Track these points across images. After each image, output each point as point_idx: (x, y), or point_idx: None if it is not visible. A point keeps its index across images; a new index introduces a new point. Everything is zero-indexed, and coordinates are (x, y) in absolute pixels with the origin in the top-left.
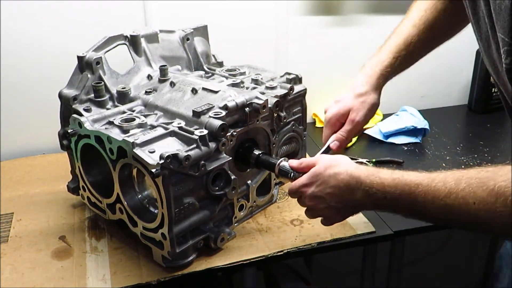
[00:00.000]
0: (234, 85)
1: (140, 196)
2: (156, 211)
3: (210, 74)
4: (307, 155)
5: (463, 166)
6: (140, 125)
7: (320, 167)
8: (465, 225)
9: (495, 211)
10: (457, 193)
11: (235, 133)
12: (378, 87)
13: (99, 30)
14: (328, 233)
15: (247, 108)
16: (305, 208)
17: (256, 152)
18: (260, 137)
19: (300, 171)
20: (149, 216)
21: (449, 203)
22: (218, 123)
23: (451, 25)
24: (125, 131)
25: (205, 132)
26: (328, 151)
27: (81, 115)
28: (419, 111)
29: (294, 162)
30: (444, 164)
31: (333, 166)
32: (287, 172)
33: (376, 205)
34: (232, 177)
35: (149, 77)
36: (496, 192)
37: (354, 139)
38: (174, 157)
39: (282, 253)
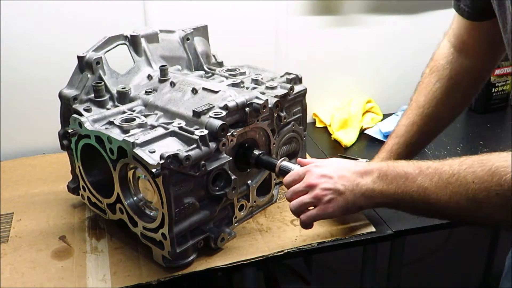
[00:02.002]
0: (234, 85)
1: (136, 198)
2: (152, 214)
3: (210, 74)
4: (307, 155)
5: None
6: (140, 125)
7: (339, 159)
8: (463, 212)
9: (490, 190)
10: (459, 173)
11: (235, 133)
12: None
13: (99, 30)
14: (328, 233)
15: (247, 108)
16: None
17: (256, 152)
18: (260, 137)
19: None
20: (146, 218)
21: (451, 182)
22: (218, 123)
23: (453, 112)
24: (125, 131)
25: (205, 132)
26: None
27: (81, 115)
28: None
29: (304, 160)
30: None
31: (354, 161)
32: (288, 170)
33: (382, 192)
34: (232, 177)
35: (149, 77)
36: (493, 171)
37: (354, 139)
38: (174, 157)
39: (282, 253)
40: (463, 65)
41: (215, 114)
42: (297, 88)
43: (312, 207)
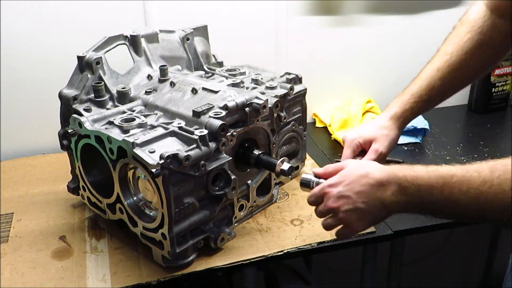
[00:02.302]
0: (234, 85)
1: (135, 198)
2: (151, 214)
3: (210, 74)
4: (307, 155)
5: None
6: (140, 125)
7: (350, 168)
8: (500, 216)
9: None
10: (492, 181)
11: (235, 133)
12: (399, 126)
13: (99, 30)
14: (328, 233)
15: (247, 108)
16: (322, 219)
17: (256, 152)
18: (260, 137)
19: (327, 177)
20: (146, 218)
21: (483, 191)
22: (218, 123)
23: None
24: (125, 131)
25: (205, 132)
26: None
27: (81, 115)
28: None
29: (318, 170)
30: (444, 164)
31: (364, 166)
32: (308, 182)
33: (406, 203)
34: (232, 177)
35: (149, 77)
36: None
37: None
38: (174, 157)
39: (282, 253)
40: (496, 24)
41: (215, 114)
42: (297, 88)
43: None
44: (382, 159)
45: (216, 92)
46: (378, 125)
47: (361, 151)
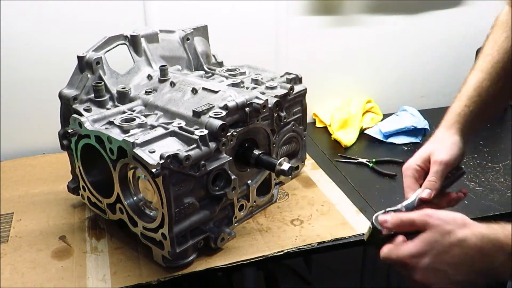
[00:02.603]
0: (234, 85)
1: (136, 198)
2: (151, 214)
3: (210, 74)
4: (307, 155)
5: (463, 166)
6: (140, 125)
7: (435, 234)
8: None
9: None
10: None
11: (235, 133)
12: (455, 131)
13: (99, 30)
14: (328, 233)
15: (247, 108)
16: None
17: (256, 152)
18: (260, 137)
19: (399, 231)
20: (146, 218)
21: None
22: (218, 123)
23: None
24: (125, 131)
25: (205, 132)
26: (420, 203)
27: (81, 115)
28: (419, 111)
29: (388, 218)
30: None
31: (454, 231)
32: (377, 230)
33: None
34: (232, 177)
35: (149, 77)
36: None
37: (354, 139)
38: (174, 157)
39: (282, 253)
40: (504, 48)
41: (215, 114)
42: (297, 88)
43: None
44: (448, 166)
45: (216, 92)
46: (431, 140)
47: (425, 175)
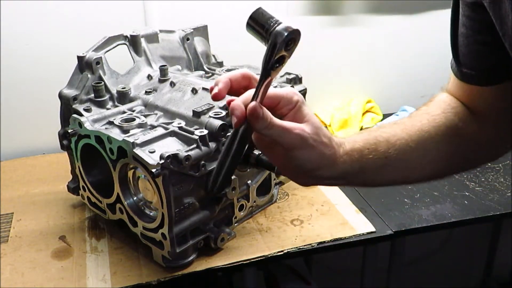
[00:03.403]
0: None
1: (135, 198)
2: (151, 214)
3: (210, 74)
4: None
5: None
6: (140, 125)
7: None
8: None
9: None
10: None
11: None
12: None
13: (99, 30)
14: (328, 233)
15: None
16: None
17: (256, 152)
18: None
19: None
20: (146, 218)
21: None
22: (218, 123)
23: (451, 155)
24: (125, 131)
25: (205, 132)
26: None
27: (81, 115)
28: None
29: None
30: None
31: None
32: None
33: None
34: (232, 177)
35: (149, 77)
36: None
37: None
38: (174, 157)
39: (282, 253)
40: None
41: (215, 114)
42: (297, 88)
43: None
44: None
45: None
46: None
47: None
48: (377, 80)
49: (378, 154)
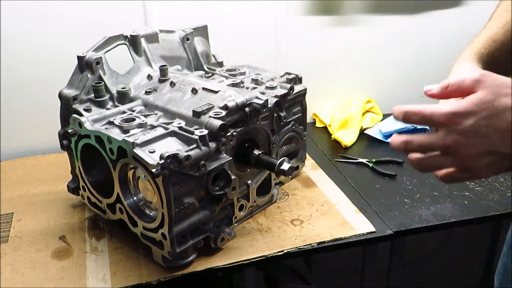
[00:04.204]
0: (234, 85)
1: (135, 198)
2: (151, 214)
3: (210, 74)
4: (307, 155)
5: None
6: (140, 125)
7: (489, 94)
8: None
9: None
10: None
11: (235, 133)
12: (474, 61)
13: (99, 30)
14: (328, 233)
15: (247, 108)
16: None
17: (256, 152)
18: (260, 137)
19: (446, 97)
20: (146, 218)
21: None
22: (218, 123)
23: None
24: (125, 131)
25: (205, 132)
26: None
27: (81, 115)
28: None
29: (434, 86)
30: None
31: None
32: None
33: None
34: (232, 177)
35: (149, 77)
36: None
37: (354, 139)
38: (174, 157)
39: (282, 253)
40: None
41: (215, 114)
42: (297, 88)
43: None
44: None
45: (216, 92)
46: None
47: None
48: (377, 80)
49: None
